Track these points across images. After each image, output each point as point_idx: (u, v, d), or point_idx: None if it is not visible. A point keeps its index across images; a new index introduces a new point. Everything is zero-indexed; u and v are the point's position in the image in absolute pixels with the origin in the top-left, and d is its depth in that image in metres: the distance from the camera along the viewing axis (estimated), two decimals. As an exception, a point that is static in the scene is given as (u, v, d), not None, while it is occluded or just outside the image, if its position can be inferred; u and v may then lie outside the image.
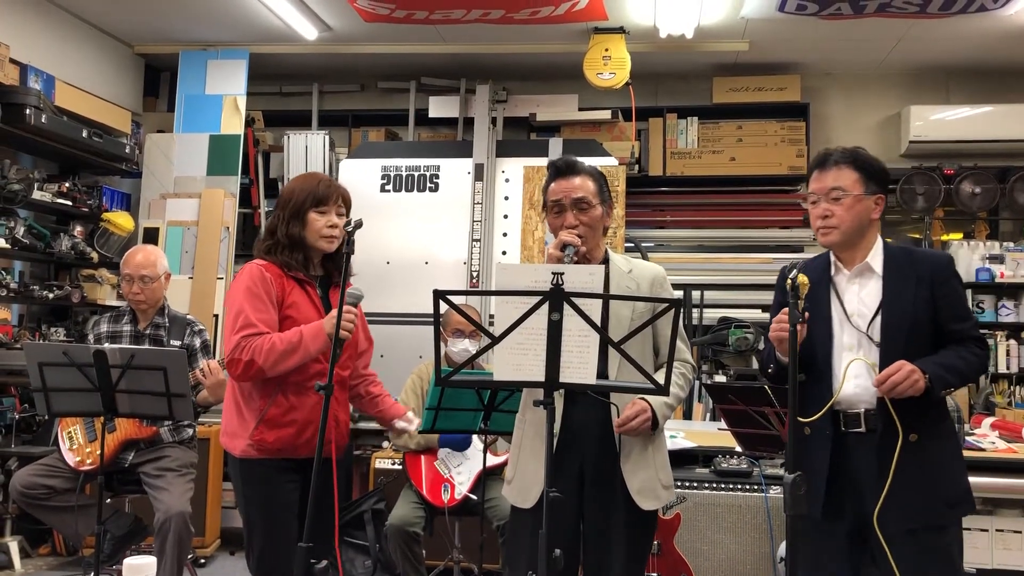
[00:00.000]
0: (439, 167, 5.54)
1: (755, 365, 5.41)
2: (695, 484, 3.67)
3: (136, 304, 3.75)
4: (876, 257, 2.42)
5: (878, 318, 2.35)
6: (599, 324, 1.97)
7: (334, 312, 2.51)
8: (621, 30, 5.25)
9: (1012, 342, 5.43)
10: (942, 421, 2.39)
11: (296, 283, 2.69)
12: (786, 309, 2.15)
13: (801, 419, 2.31)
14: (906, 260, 2.41)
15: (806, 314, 2.17)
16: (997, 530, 3.67)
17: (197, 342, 3.78)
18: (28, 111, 4.52)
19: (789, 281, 2.12)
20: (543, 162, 5.49)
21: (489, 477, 3.71)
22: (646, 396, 2.38)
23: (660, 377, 2.09)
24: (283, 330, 2.62)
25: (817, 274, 2.46)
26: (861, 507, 2.33)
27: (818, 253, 2.59)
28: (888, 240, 2.50)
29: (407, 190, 5.54)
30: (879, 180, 2.42)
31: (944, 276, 2.38)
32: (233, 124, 5.69)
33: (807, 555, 2.42)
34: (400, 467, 4.49)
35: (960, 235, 5.78)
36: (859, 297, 2.41)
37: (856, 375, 2.34)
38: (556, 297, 1.94)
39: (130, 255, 3.77)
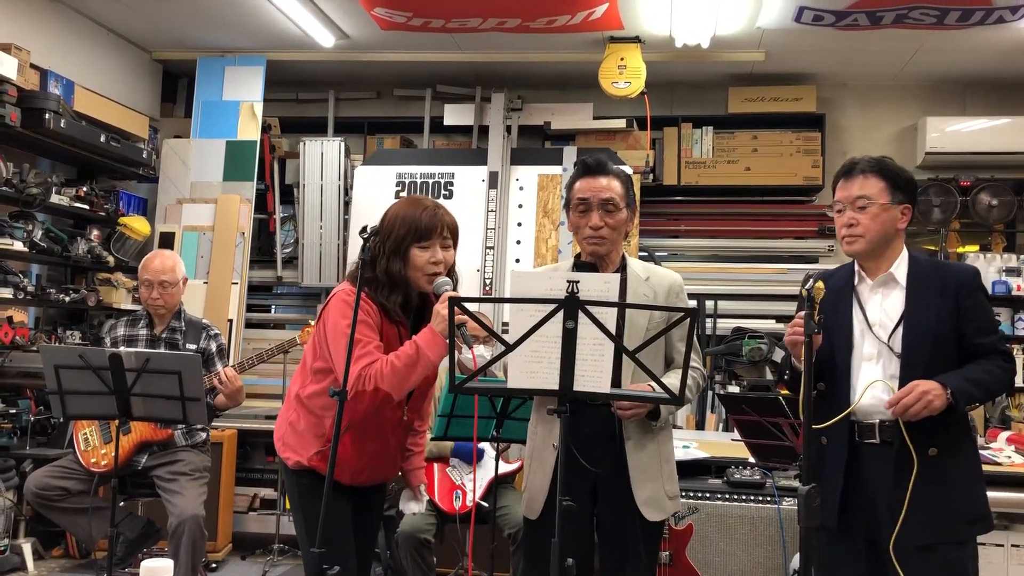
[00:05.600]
0: (453, 174, 5.56)
1: (769, 376, 5.38)
2: (708, 495, 3.64)
3: (155, 309, 3.77)
4: (900, 268, 2.40)
5: (900, 329, 2.33)
6: (614, 332, 1.96)
7: (439, 311, 2.31)
8: (637, 39, 5.25)
9: (1029, 355, 5.38)
10: (963, 436, 2.36)
11: (390, 321, 2.48)
12: (803, 312, 2.13)
13: (815, 427, 2.29)
14: (931, 272, 2.39)
15: (819, 317, 2.16)
16: (1013, 545, 3.63)
17: (213, 346, 3.80)
18: (47, 115, 4.56)
19: (805, 291, 2.11)
20: (557, 170, 5.50)
21: (501, 485, 3.71)
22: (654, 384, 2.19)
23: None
24: None
25: (840, 283, 2.45)
26: (874, 518, 2.31)
27: (831, 265, 2.58)
28: (916, 250, 2.48)
29: (421, 197, 5.55)
30: (906, 190, 2.40)
31: (970, 289, 2.36)
32: (249, 130, 5.72)
33: (822, 566, 2.40)
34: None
35: (976, 247, 5.74)
36: (881, 307, 2.39)
37: (873, 387, 2.32)
38: (571, 305, 1.94)
39: (149, 260, 3.79)
